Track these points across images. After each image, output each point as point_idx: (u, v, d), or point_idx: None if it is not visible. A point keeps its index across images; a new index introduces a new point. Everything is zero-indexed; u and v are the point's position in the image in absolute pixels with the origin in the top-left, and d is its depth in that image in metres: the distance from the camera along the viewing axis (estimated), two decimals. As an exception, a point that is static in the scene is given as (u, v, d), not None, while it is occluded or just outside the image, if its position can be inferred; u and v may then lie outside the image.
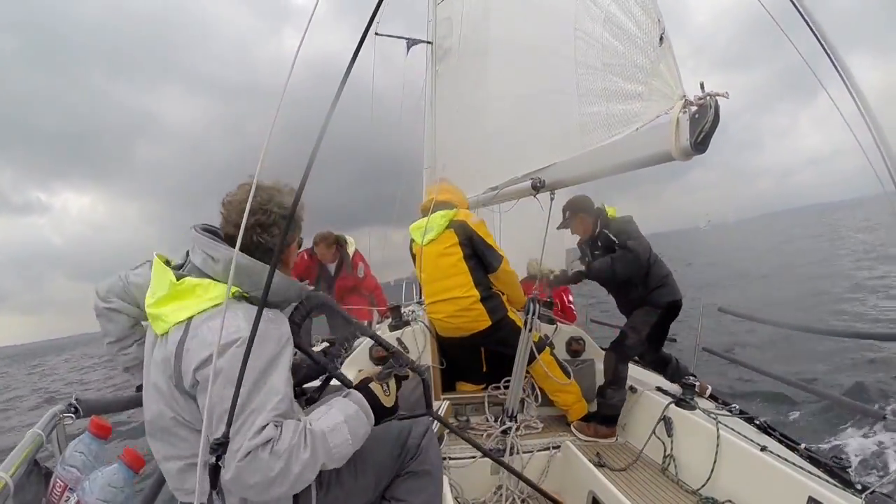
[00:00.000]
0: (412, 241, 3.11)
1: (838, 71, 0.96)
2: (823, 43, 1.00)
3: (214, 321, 1.07)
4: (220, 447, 0.98)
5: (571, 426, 2.72)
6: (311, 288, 1.56)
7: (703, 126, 1.32)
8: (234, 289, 1.12)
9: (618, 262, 2.63)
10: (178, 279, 1.14)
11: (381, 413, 1.29)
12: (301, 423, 1.09)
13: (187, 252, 1.21)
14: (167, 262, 1.21)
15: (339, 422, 1.15)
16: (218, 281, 1.14)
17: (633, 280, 2.71)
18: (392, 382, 1.37)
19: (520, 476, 1.89)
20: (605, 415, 2.65)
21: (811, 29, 1.02)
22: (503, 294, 2.89)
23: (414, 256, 3.15)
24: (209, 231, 1.23)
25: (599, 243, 2.83)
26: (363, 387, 1.33)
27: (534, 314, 2.53)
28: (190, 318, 1.10)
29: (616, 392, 2.64)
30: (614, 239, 2.68)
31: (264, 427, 1.01)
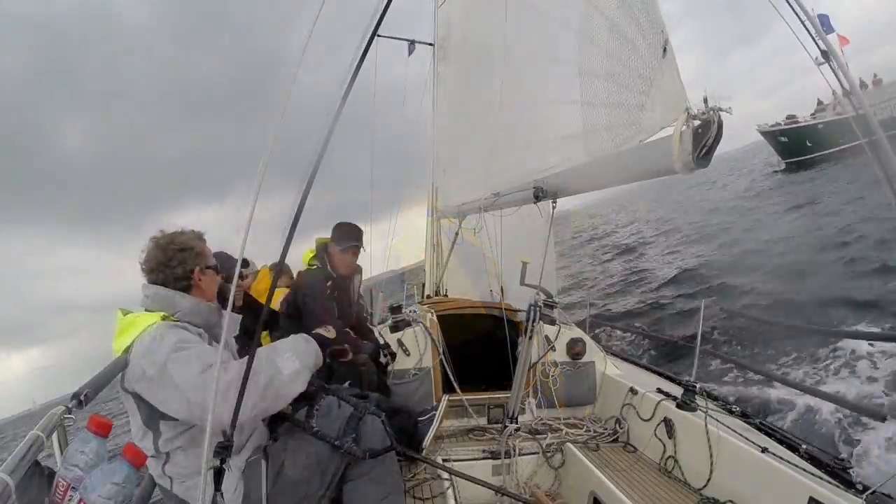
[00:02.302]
0: None
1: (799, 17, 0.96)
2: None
3: (143, 340, 1.34)
4: (224, 450, 1.00)
5: None
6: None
7: (706, 140, 1.32)
8: (162, 314, 1.41)
9: None
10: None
11: (326, 341, 1.59)
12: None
13: None
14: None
15: (279, 346, 1.42)
16: (150, 311, 1.45)
17: None
18: (332, 329, 1.73)
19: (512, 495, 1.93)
20: None
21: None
22: None
23: None
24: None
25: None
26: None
27: (534, 321, 2.54)
28: (132, 344, 1.34)
29: None
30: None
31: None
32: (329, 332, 1.70)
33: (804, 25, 1.29)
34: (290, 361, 1.35)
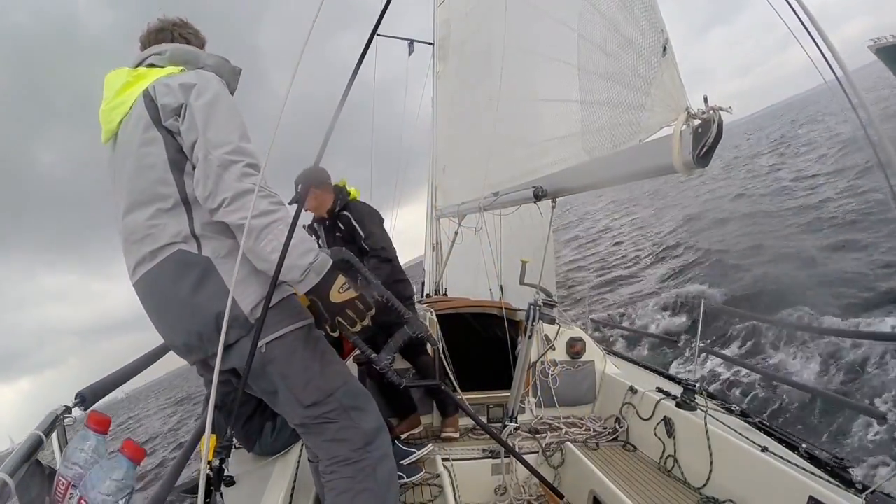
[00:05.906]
0: None
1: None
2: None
3: (172, 78, 1.19)
4: (224, 450, 1.00)
5: None
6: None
7: (705, 140, 1.32)
8: (179, 68, 1.25)
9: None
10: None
11: (323, 297, 1.14)
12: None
13: None
14: None
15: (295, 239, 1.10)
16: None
17: None
18: (355, 294, 1.18)
19: (522, 461, 1.89)
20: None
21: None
22: None
23: None
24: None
25: (341, 225, 2.67)
26: (335, 264, 1.20)
27: (534, 321, 2.54)
28: (148, 86, 1.19)
29: None
30: (355, 225, 2.60)
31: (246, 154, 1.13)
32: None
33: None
34: (273, 244, 1.09)
